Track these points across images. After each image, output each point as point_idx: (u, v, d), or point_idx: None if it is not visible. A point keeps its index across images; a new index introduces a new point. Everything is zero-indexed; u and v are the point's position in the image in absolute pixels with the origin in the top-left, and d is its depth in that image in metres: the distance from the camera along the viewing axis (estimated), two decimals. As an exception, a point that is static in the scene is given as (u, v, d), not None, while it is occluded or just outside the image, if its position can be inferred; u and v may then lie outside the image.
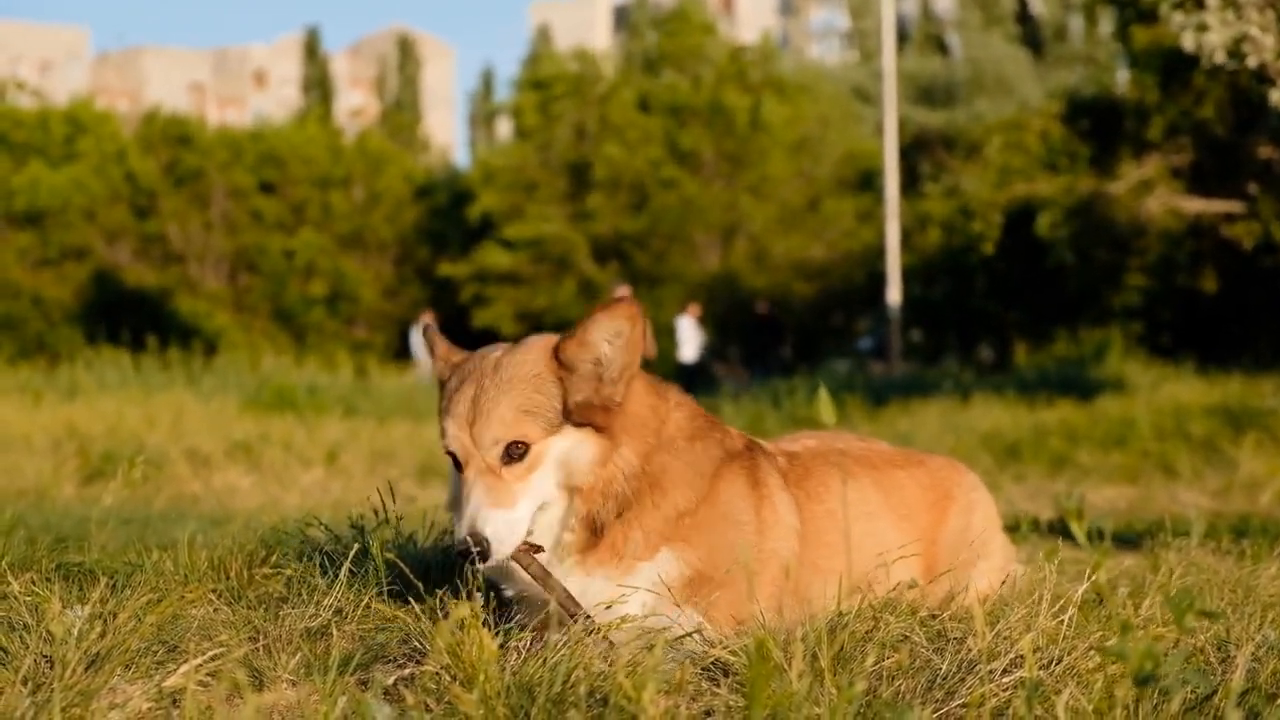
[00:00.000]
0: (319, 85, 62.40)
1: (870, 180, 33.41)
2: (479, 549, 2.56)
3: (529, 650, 2.56)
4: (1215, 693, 2.36)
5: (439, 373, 2.85)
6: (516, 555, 2.64)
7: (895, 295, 24.06)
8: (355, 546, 3.18)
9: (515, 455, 2.64)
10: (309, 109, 54.25)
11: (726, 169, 34.54)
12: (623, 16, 74.56)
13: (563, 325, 4.48)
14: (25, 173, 34.08)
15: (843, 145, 35.80)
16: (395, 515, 3.57)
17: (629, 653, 2.49)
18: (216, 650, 2.58)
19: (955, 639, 2.72)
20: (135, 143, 37.02)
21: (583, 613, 2.66)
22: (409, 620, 2.76)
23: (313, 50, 63.79)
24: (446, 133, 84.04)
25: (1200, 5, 8.13)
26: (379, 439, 11.75)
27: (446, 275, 36.05)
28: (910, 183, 30.41)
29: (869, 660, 2.46)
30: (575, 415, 2.69)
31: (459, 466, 2.69)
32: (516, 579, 2.76)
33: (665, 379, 2.97)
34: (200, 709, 2.26)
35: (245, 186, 36.87)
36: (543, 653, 2.46)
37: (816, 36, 79.04)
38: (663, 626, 2.64)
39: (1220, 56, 8.10)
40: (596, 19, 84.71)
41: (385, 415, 13.92)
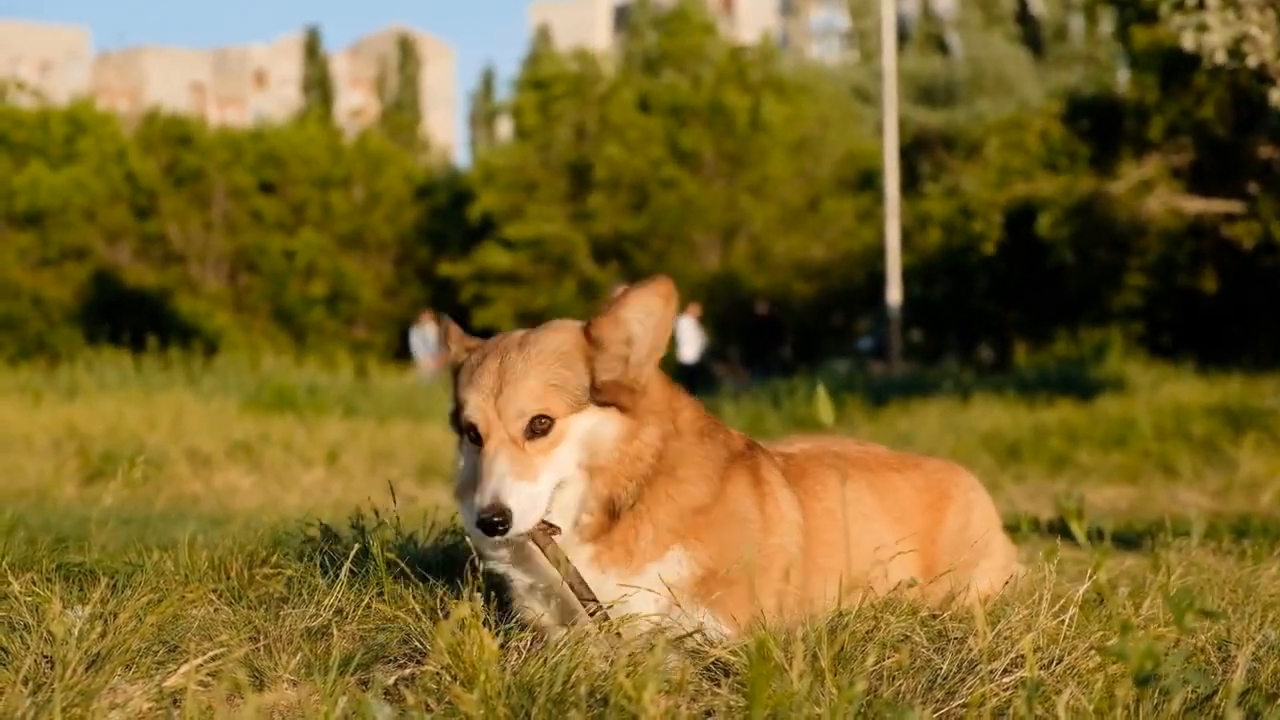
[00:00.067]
0: (319, 85, 62.43)
1: (870, 180, 33.41)
2: (500, 520, 2.53)
3: (530, 650, 2.56)
4: (1216, 692, 2.36)
5: (454, 357, 2.83)
6: (534, 534, 2.62)
7: (895, 295, 24.06)
8: (356, 547, 3.19)
9: (539, 429, 2.62)
10: (309, 109, 54.26)
11: (726, 169, 34.54)
12: (623, 16, 74.57)
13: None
14: (26, 173, 34.08)
15: (843, 145, 35.81)
16: (395, 515, 3.57)
17: (642, 652, 2.49)
18: (217, 650, 2.58)
19: (956, 639, 2.72)
20: (135, 143, 37.03)
21: (595, 601, 2.64)
22: (409, 620, 2.76)
23: (313, 50, 63.81)
24: (447, 133, 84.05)
25: (1200, 5, 8.13)
26: (379, 439, 11.76)
27: (447, 275, 36.06)
28: (910, 183, 30.42)
29: (869, 660, 2.46)
30: (602, 394, 2.67)
31: (477, 441, 2.66)
32: (531, 566, 2.74)
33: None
34: (201, 709, 2.26)
35: (245, 186, 36.87)
36: (543, 653, 2.47)
37: (816, 36, 79.05)
38: (673, 625, 2.63)
39: (1220, 56, 8.10)
40: (596, 19, 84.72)
41: (385, 415, 13.92)
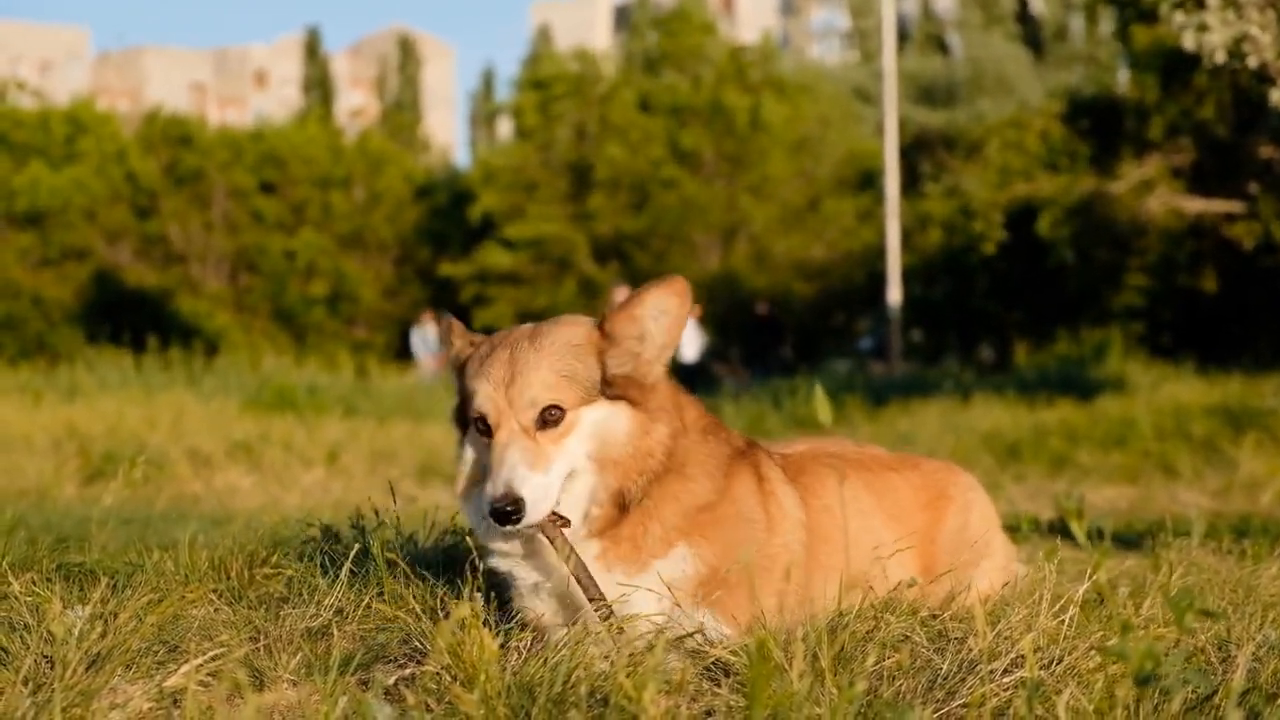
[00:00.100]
0: (319, 85, 62.43)
1: (871, 180, 33.40)
2: (513, 509, 2.53)
3: (530, 650, 2.55)
4: (1216, 692, 2.36)
5: (458, 352, 2.82)
6: (544, 525, 2.61)
7: (896, 295, 24.05)
8: (356, 547, 3.19)
9: (550, 420, 2.62)
10: (309, 109, 54.27)
11: (727, 169, 34.54)
12: (623, 16, 74.59)
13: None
14: (26, 173, 34.08)
15: (843, 145, 35.80)
16: (395, 515, 3.57)
17: (642, 652, 2.49)
18: (217, 650, 2.58)
19: (956, 639, 2.72)
20: (136, 143, 37.02)
21: (601, 597, 2.63)
22: (410, 620, 2.76)
23: (313, 50, 63.81)
24: (447, 133, 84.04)
25: (1201, 5, 8.13)
26: (379, 439, 11.76)
27: (447, 275, 36.05)
28: (911, 183, 30.42)
29: (870, 660, 2.46)
30: (613, 388, 2.68)
31: (486, 431, 2.66)
32: (539, 562, 2.74)
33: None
34: (201, 709, 2.26)
35: (246, 187, 36.87)
36: (543, 652, 2.46)
37: (817, 36, 79.04)
38: (676, 625, 2.63)
39: (1221, 56, 8.10)
40: (597, 19, 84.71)
41: (386, 415, 13.92)
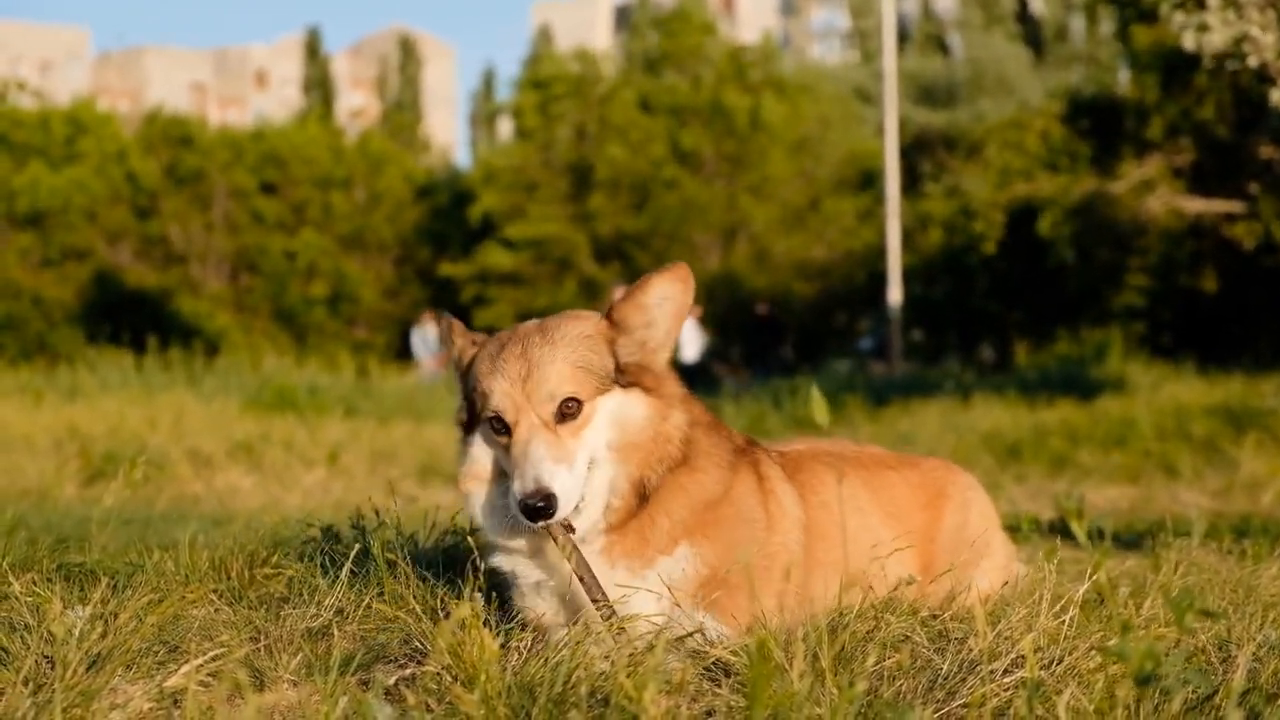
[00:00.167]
0: (320, 85, 62.42)
1: (871, 180, 33.40)
2: (544, 504, 2.52)
3: (530, 650, 2.55)
4: (1216, 692, 2.36)
5: (461, 351, 2.81)
6: (552, 526, 2.61)
7: (896, 295, 24.05)
8: (356, 547, 3.19)
9: (569, 413, 2.62)
10: (310, 109, 54.26)
11: (727, 169, 34.54)
12: (624, 16, 74.58)
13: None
14: (26, 173, 34.07)
15: (843, 145, 35.80)
16: (396, 515, 3.57)
17: (642, 652, 2.48)
18: (217, 650, 2.58)
19: (956, 639, 2.72)
20: (136, 143, 37.02)
21: (603, 597, 2.63)
22: (410, 620, 2.76)
23: (314, 50, 63.81)
24: (447, 133, 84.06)
25: (1201, 5, 8.13)
26: (380, 439, 11.76)
27: (447, 275, 36.05)
28: (911, 183, 30.42)
29: (870, 660, 2.46)
30: (626, 376, 2.69)
31: (504, 430, 2.65)
32: (543, 561, 2.74)
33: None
34: (201, 709, 2.26)
35: (246, 187, 36.87)
36: (544, 652, 2.46)
37: (817, 36, 79.04)
38: (676, 625, 2.63)
39: (1220, 52, 8.10)
40: (597, 19, 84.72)
41: (386, 415, 13.92)
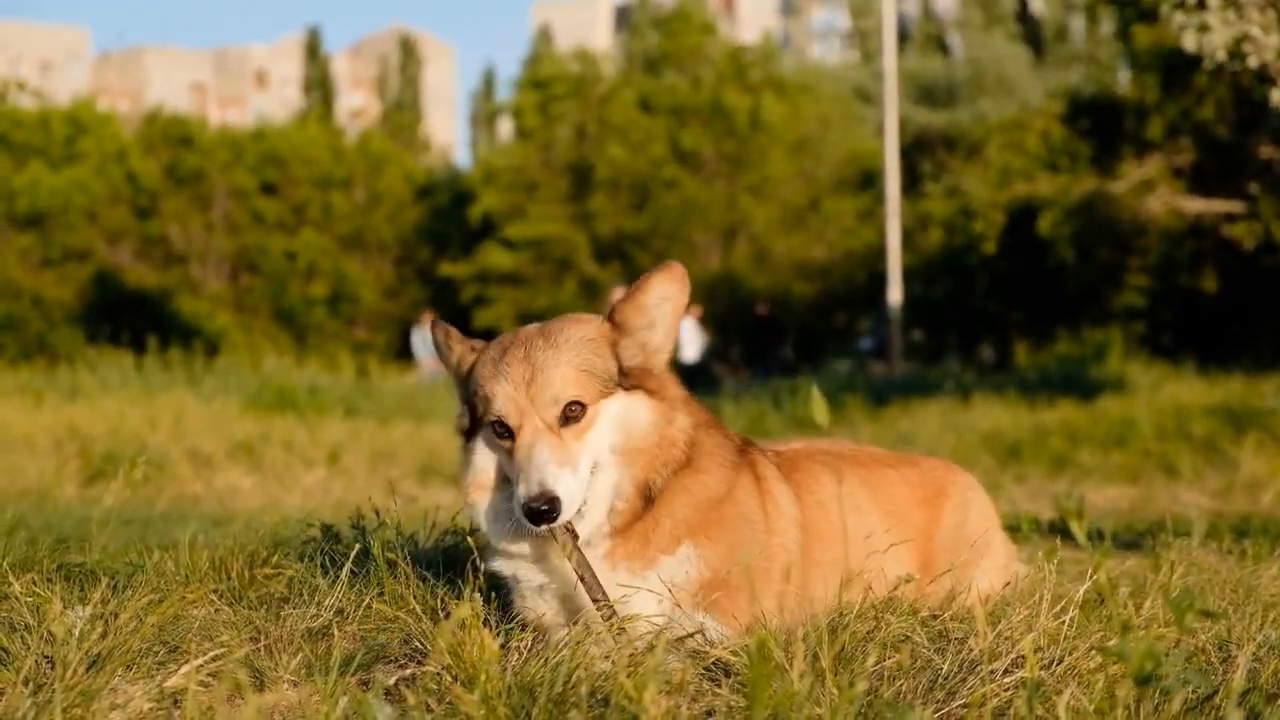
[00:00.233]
0: (320, 85, 62.44)
1: (871, 180, 33.41)
2: (548, 508, 2.52)
3: (531, 650, 2.55)
4: (1216, 692, 2.36)
5: (459, 358, 2.80)
6: (555, 529, 2.61)
7: (896, 295, 24.05)
8: (356, 547, 3.19)
9: (572, 416, 2.61)
10: (310, 109, 54.29)
11: (727, 169, 34.54)
12: (624, 16, 74.59)
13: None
14: (26, 173, 34.08)
15: (844, 145, 35.81)
16: (396, 516, 3.57)
17: (643, 652, 2.48)
18: (218, 651, 2.58)
19: (956, 639, 2.72)
20: (136, 143, 37.03)
21: (604, 598, 2.63)
22: (410, 620, 2.76)
23: (314, 50, 63.82)
24: (447, 133, 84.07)
25: (1202, 5, 8.13)
26: (380, 439, 11.76)
27: (447, 276, 36.05)
28: (911, 183, 30.42)
29: (870, 660, 2.46)
30: (629, 379, 2.69)
31: (507, 434, 2.64)
32: (545, 562, 2.74)
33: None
34: (201, 709, 2.26)
35: (246, 187, 36.88)
36: (544, 653, 2.46)
37: (818, 36, 79.06)
38: (677, 625, 2.63)
39: (1221, 56, 8.10)
40: (597, 19, 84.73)
41: (386, 416, 13.92)
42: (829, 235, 33.99)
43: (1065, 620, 2.72)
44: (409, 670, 2.55)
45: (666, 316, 2.74)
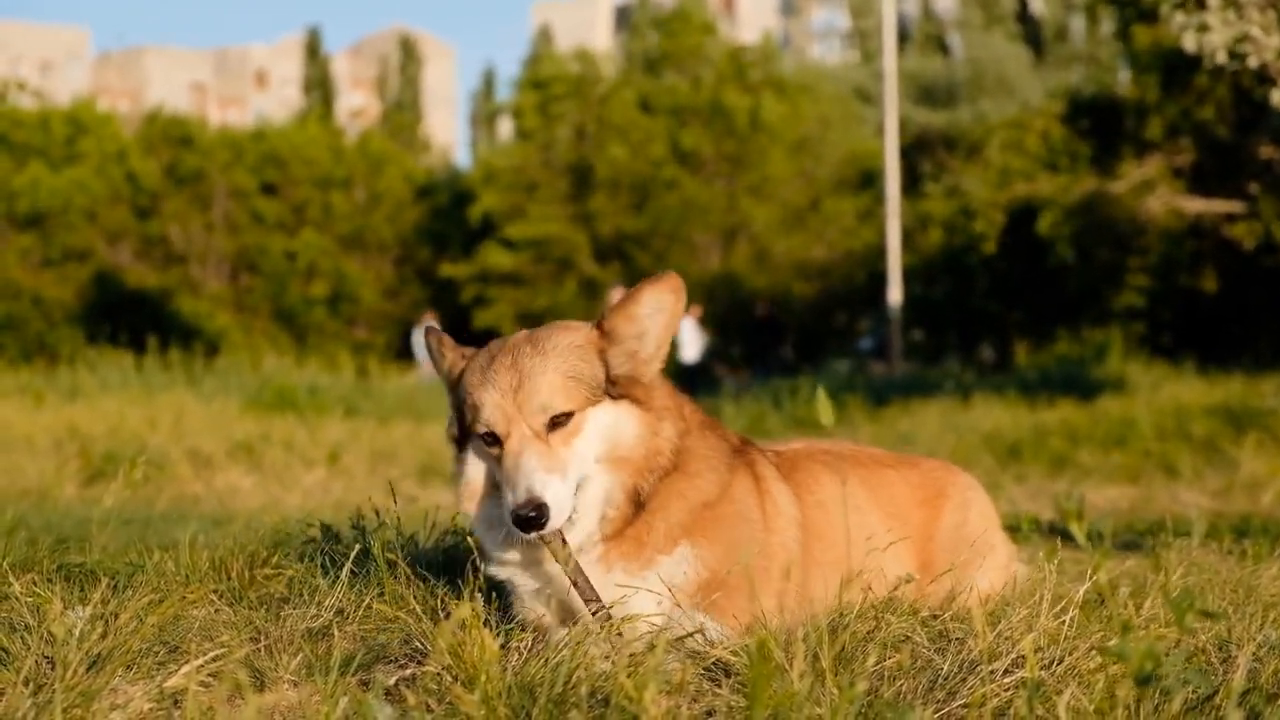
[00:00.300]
0: (320, 85, 62.44)
1: (871, 180, 33.42)
2: (536, 515, 2.52)
3: (531, 650, 2.55)
4: (1216, 693, 2.35)
5: (450, 365, 2.81)
6: (548, 535, 2.61)
7: (896, 295, 24.05)
8: (357, 547, 3.19)
9: (560, 423, 2.61)
10: (310, 109, 54.32)
11: (727, 169, 34.55)
12: (624, 17, 74.60)
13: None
14: (26, 174, 34.09)
15: (844, 145, 35.82)
16: (396, 516, 3.57)
17: (643, 652, 2.48)
18: (218, 651, 2.58)
19: (956, 639, 2.72)
20: (136, 143, 37.04)
21: (597, 599, 2.63)
22: (410, 621, 2.76)
23: (314, 50, 63.83)
24: (448, 133, 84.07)
25: (1202, 5, 8.13)
26: (380, 439, 11.76)
27: (448, 276, 36.07)
28: (911, 183, 30.42)
29: (870, 660, 2.46)
30: (617, 387, 2.68)
31: (496, 442, 2.64)
32: (539, 571, 2.74)
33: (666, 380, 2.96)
34: (201, 710, 2.26)
35: (246, 187, 36.89)
36: (544, 653, 2.46)
37: (818, 36, 79.05)
38: (676, 625, 2.63)
39: (1221, 57, 8.10)
40: (597, 19, 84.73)
41: (386, 416, 13.93)
42: (829, 235, 34.00)
43: (1065, 620, 2.72)
44: (409, 670, 2.55)
45: (658, 327, 2.72)
